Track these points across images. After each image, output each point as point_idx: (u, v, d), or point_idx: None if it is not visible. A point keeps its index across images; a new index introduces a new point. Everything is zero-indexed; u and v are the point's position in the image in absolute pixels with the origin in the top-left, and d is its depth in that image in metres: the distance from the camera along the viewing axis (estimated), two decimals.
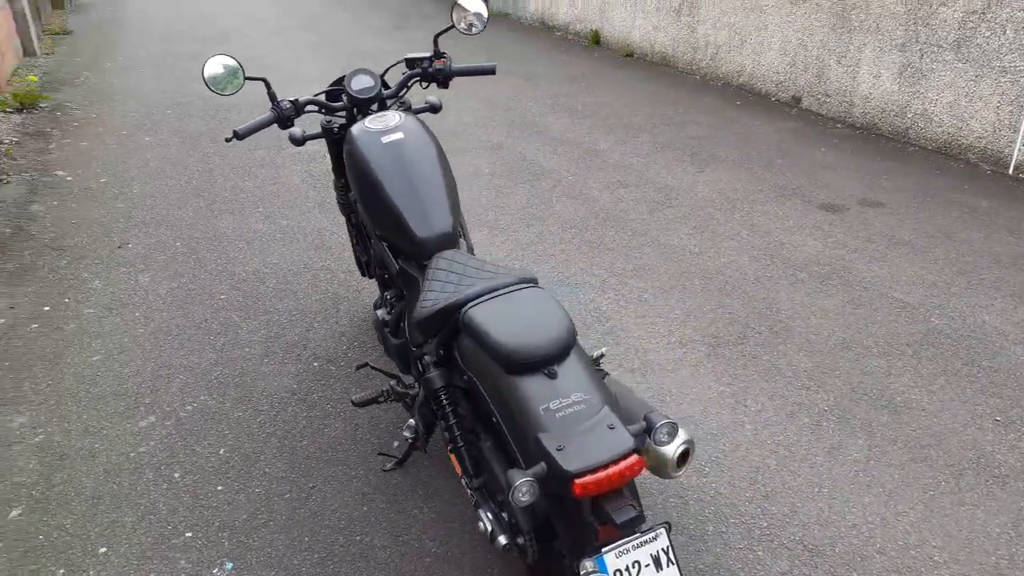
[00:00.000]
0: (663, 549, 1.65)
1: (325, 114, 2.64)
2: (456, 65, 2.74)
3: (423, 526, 2.36)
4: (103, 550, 2.28)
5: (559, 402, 1.65)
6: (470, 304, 1.87)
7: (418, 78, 2.73)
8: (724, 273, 3.89)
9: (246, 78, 2.45)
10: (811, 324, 3.44)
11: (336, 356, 3.16)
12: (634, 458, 1.56)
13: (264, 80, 2.53)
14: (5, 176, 4.86)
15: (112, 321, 3.42)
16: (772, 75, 6.79)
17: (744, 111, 6.53)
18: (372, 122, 2.46)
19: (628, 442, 1.58)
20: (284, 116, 2.51)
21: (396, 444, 2.69)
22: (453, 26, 2.74)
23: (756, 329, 3.41)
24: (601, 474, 1.53)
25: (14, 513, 2.40)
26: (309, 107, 2.60)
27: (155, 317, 3.46)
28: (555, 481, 1.56)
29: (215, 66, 2.39)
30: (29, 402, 2.89)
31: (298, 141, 2.60)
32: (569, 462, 1.55)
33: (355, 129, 2.46)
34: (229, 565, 2.24)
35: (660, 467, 1.97)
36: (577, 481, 1.52)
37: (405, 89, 2.71)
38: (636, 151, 5.59)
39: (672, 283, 3.80)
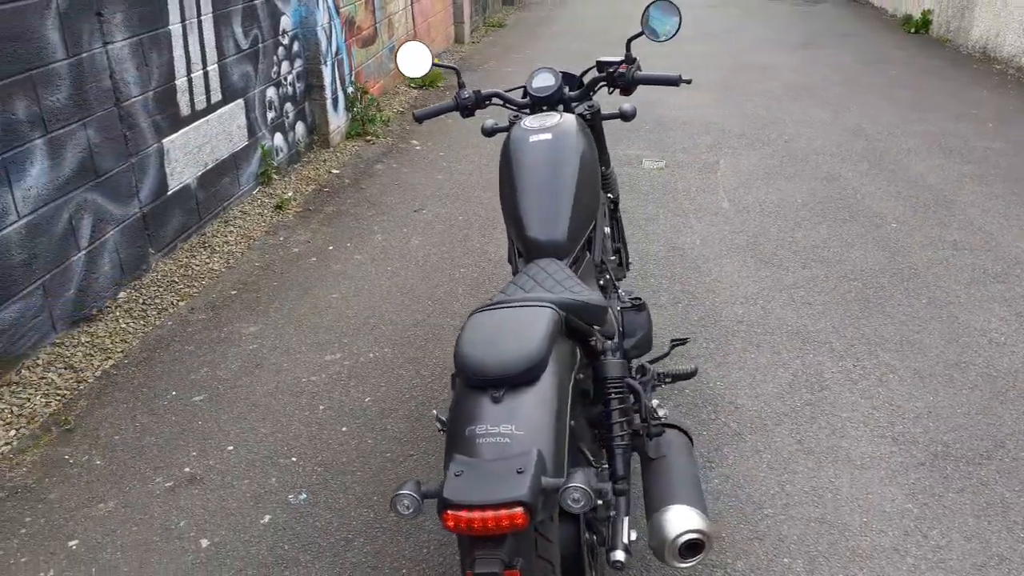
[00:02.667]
0: None
1: (510, 108, 2.68)
2: (640, 72, 2.57)
3: None
4: (231, 448, 2.68)
5: (486, 428, 1.51)
6: (478, 310, 1.80)
7: (603, 83, 2.62)
8: (1020, 376, 3.05)
9: (434, 64, 2.60)
10: None
11: None
12: (517, 511, 1.38)
13: (455, 69, 2.66)
14: (374, 138, 5.77)
15: (367, 269, 3.90)
16: None
17: None
18: (532, 120, 2.45)
19: (518, 492, 1.39)
20: (462, 105, 2.62)
21: None
22: (643, 32, 2.57)
23: (1012, 452, 2.64)
24: (475, 514, 1.39)
25: (196, 398, 2.93)
26: (495, 100, 2.66)
27: (401, 274, 3.86)
28: (438, 504, 1.45)
29: (409, 51, 2.57)
30: (266, 317, 3.47)
31: (487, 132, 2.69)
32: (450, 489, 1.43)
33: (516, 125, 2.48)
34: (303, 496, 2.47)
35: (658, 548, 1.72)
36: (449, 512, 1.41)
37: (591, 92, 2.63)
38: (1003, 211, 4.59)
39: (938, 370, 3.10)
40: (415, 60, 2.57)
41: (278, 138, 4.97)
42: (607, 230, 2.69)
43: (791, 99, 6.92)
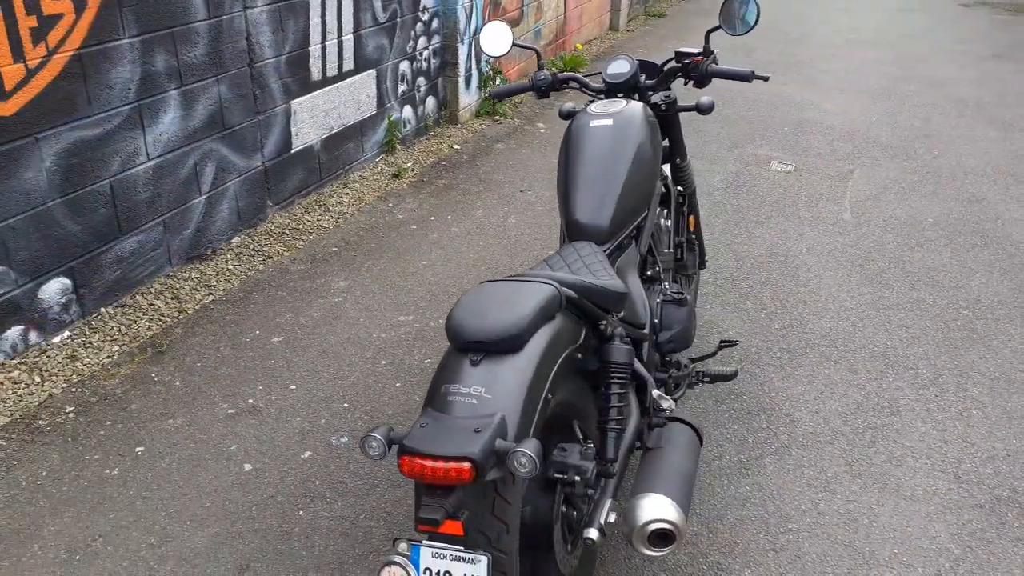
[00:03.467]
0: None
1: (586, 93, 2.71)
2: (714, 66, 2.52)
3: None
4: (293, 387, 2.89)
5: (459, 387, 1.59)
6: (486, 280, 1.87)
7: (678, 73, 2.60)
8: None
9: (514, 44, 2.66)
10: None
11: None
12: (464, 466, 1.45)
13: (535, 50, 2.72)
14: (502, 118, 5.90)
15: (460, 242, 4.04)
16: None
17: None
18: (598, 105, 2.48)
19: (468, 449, 1.46)
20: (537, 85, 2.67)
21: None
22: (720, 26, 2.52)
23: None
24: (427, 463, 1.47)
25: (276, 339, 3.17)
26: (572, 84, 2.70)
27: (490, 249, 3.97)
28: (398, 449, 1.54)
29: (492, 30, 2.65)
30: (357, 274, 3.68)
31: (563, 115, 2.74)
32: (411, 437, 1.52)
33: (582, 110, 2.51)
34: (344, 439, 2.64)
35: (628, 532, 1.74)
36: (404, 456, 1.50)
37: (667, 82, 2.61)
38: None
39: None
40: (497, 40, 2.64)
41: (407, 110, 5.20)
42: (666, 223, 2.66)
43: (956, 113, 6.42)
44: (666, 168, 2.83)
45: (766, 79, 2.54)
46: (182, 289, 3.46)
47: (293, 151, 4.21)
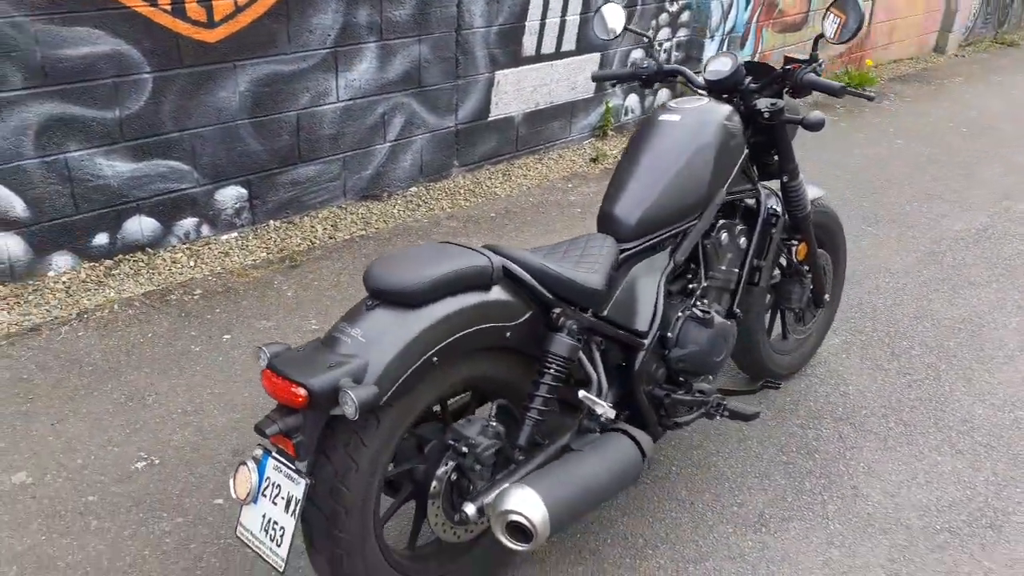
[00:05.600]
0: (295, 497, 1.57)
1: (690, 88, 2.55)
2: (808, 76, 2.23)
3: None
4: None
5: (346, 327, 1.67)
6: (445, 241, 1.89)
7: (779, 80, 2.33)
8: None
9: (626, 29, 2.57)
10: None
11: None
12: (300, 391, 1.53)
13: (648, 37, 2.61)
14: None
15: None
16: None
17: None
18: (678, 101, 2.35)
19: (307, 378, 1.53)
20: (638, 74, 2.57)
21: None
22: (823, 33, 2.22)
23: None
24: (277, 380, 1.57)
25: None
26: (678, 77, 2.55)
27: None
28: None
29: (606, 12, 2.57)
30: (495, 240, 3.81)
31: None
32: (278, 357, 1.62)
33: (664, 104, 2.39)
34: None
35: (490, 515, 1.70)
36: (265, 370, 1.61)
37: (771, 88, 2.36)
38: None
39: None
40: (610, 22, 2.57)
41: (632, 99, 5.16)
42: (740, 241, 2.40)
43: None
44: (773, 184, 2.57)
45: (870, 98, 2.21)
46: (344, 220, 3.85)
47: (489, 119, 4.41)
